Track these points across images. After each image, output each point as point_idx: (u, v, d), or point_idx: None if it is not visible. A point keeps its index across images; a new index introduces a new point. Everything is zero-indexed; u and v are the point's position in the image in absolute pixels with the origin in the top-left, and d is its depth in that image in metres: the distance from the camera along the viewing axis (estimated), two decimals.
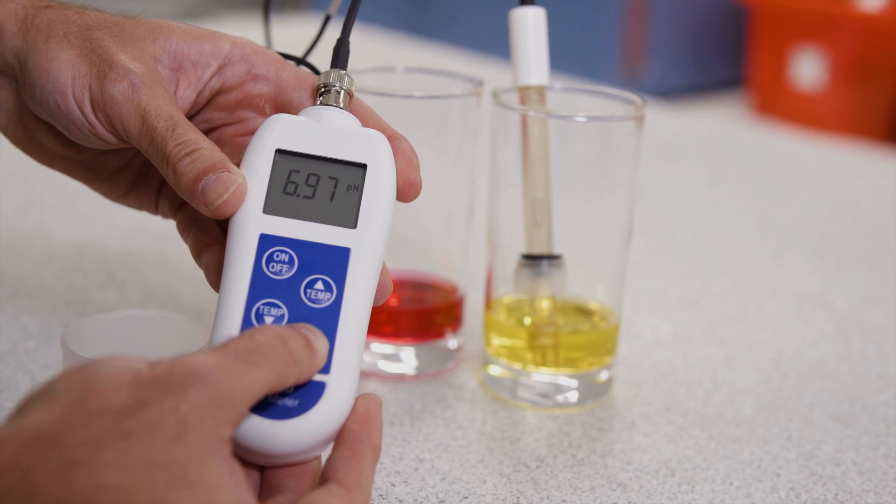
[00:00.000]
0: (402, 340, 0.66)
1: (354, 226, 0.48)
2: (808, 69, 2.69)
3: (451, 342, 0.68)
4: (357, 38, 0.68)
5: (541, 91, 0.64)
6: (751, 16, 2.78)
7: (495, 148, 0.64)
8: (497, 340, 0.65)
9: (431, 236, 0.68)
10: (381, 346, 0.66)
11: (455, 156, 0.66)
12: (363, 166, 0.49)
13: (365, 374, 0.66)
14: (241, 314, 0.46)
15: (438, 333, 0.67)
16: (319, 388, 0.45)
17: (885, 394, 0.68)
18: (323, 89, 0.51)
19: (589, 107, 0.64)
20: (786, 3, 2.73)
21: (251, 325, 0.46)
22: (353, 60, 0.54)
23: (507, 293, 0.65)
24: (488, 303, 0.65)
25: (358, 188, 0.48)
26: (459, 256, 0.68)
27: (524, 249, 0.63)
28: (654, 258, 0.88)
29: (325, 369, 0.45)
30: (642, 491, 0.56)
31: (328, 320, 0.46)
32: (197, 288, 0.74)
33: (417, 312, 0.68)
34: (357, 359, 0.46)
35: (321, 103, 0.51)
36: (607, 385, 0.65)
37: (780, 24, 2.73)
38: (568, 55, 2.60)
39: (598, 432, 0.62)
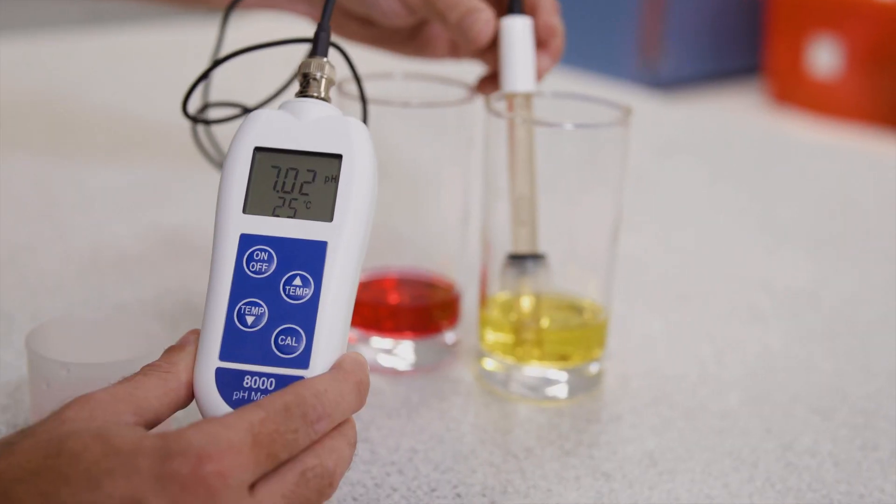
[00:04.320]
0: (402, 336, 0.69)
1: (331, 218, 0.49)
2: (825, 57, 2.70)
3: (449, 337, 0.71)
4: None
5: (528, 98, 0.66)
6: (767, 4, 2.79)
7: (488, 152, 0.67)
8: (491, 336, 0.68)
9: (431, 236, 0.71)
10: (380, 341, 0.69)
11: (451, 160, 0.69)
12: (339, 157, 0.50)
13: None
14: (223, 315, 0.48)
15: (436, 329, 0.70)
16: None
17: (866, 387, 0.70)
18: (302, 79, 0.52)
19: (578, 113, 0.67)
20: None
21: (234, 325, 0.48)
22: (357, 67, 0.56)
23: (500, 291, 0.68)
24: (483, 300, 0.68)
25: (335, 180, 0.49)
26: (457, 255, 0.71)
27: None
28: (651, 255, 0.91)
29: (304, 364, 0.47)
30: (625, 480, 0.59)
31: (307, 315, 0.48)
32: None
33: (417, 309, 0.71)
34: (336, 353, 0.48)
35: (300, 94, 0.52)
36: (597, 378, 0.68)
37: (797, 13, 2.74)
38: (584, 46, 2.61)
39: (586, 424, 0.64)
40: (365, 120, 0.61)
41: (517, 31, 0.66)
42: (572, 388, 0.67)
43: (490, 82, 0.69)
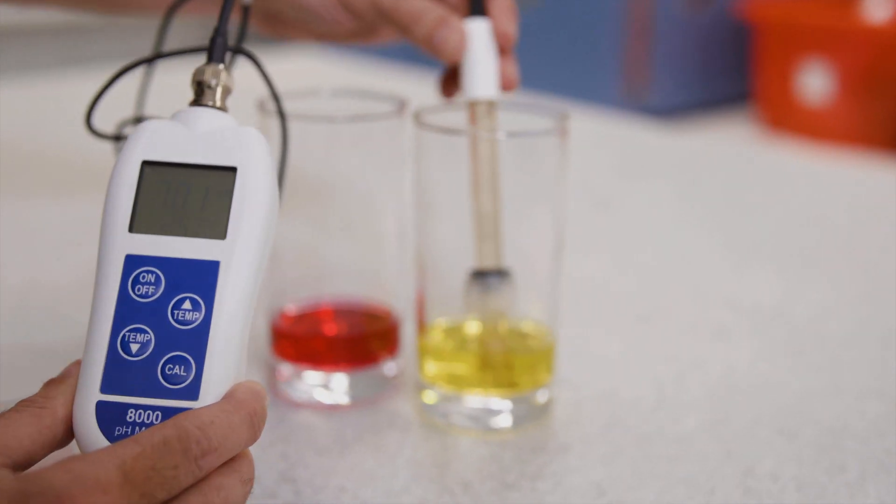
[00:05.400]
0: (337, 368, 0.65)
1: (224, 236, 0.45)
2: (816, 83, 2.67)
3: (388, 368, 0.67)
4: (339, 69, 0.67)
5: (491, 105, 0.63)
6: (755, 32, 2.77)
7: (419, 169, 0.63)
8: (431, 365, 0.64)
9: (366, 261, 0.67)
10: (314, 375, 0.65)
11: (383, 177, 0.65)
12: (233, 170, 0.46)
13: (299, 404, 0.65)
14: (106, 343, 0.44)
15: (373, 360, 0.66)
16: None
17: (834, 406, 0.66)
18: (197, 87, 0.48)
19: (516, 122, 0.63)
20: (791, 18, 2.71)
21: (117, 353, 0.44)
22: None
23: (439, 316, 0.64)
24: (421, 328, 0.64)
25: (228, 194, 0.46)
26: (394, 281, 0.67)
27: (469, 267, 0.62)
28: (617, 275, 0.86)
29: (193, 395, 0.44)
30: None
31: (197, 341, 0.44)
32: None
33: (352, 339, 0.67)
34: (230, 382, 0.44)
35: (194, 103, 0.48)
36: (546, 406, 0.64)
37: (786, 39, 2.71)
38: (571, 76, 2.59)
39: (530, 455, 0.60)
40: (284, 137, 0.57)
41: (479, 35, 0.63)
42: (518, 417, 0.63)
43: (451, 83, 0.66)
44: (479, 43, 0.63)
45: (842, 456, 0.60)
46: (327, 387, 0.65)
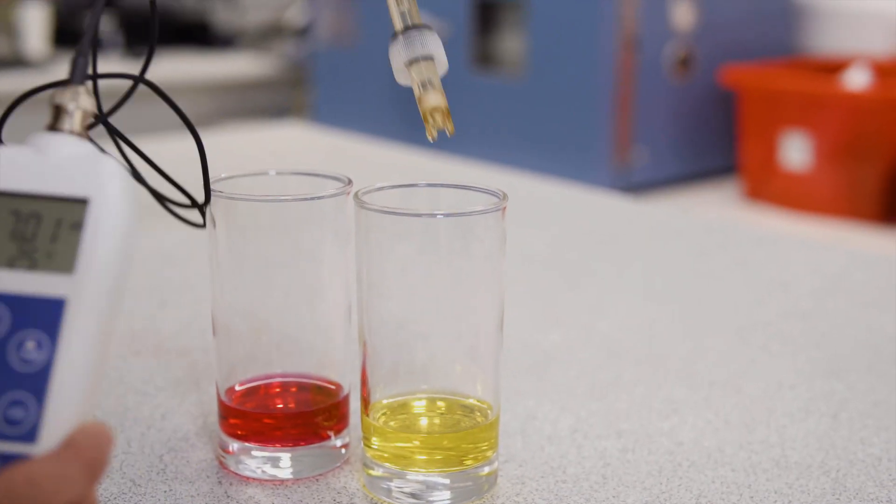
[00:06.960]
0: (285, 445, 0.66)
1: (73, 271, 0.43)
2: (797, 151, 2.69)
3: (336, 443, 0.67)
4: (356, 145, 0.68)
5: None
6: (739, 101, 2.79)
7: (360, 248, 0.64)
8: (375, 442, 0.64)
9: (314, 336, 0.68)
10: (262, 451, 0.65)
11: (330, 255, 0.66)
12: (85, 201, 0.44)
13: (246, 479, 0.65)
14: None
15: (322, 435, 0.66)
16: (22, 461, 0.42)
17: (777, 481, 0.66)
18: (54, 111, 0.46)
19: (455, 202, 0.64)
20: (772, 85, 2.74)
21: None
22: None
23: (383, 394, 0.65)
24: (365, 405, 0.65)
25: (79, 227, 0.43)
26: (343, 355, 0.68)
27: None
28: (576, 348, 0.87)
29: (31, 438, 0.42)
30: None
31: (38, 383, 0.42)
32: None
33: (300, 416, 0.67)
34: (72, 425, 0.43)
35: (50, 128, 0.46)
36: (489, 482, 0.64)
37: (768, 108, 2.74)
38: (557, 154, 2.61)
39: None
40: (207, 198, 0.57)
41: None
42: (459, 493, 0.63)
43: None
44: None
45: None
46: (275, 463, 0.65)
